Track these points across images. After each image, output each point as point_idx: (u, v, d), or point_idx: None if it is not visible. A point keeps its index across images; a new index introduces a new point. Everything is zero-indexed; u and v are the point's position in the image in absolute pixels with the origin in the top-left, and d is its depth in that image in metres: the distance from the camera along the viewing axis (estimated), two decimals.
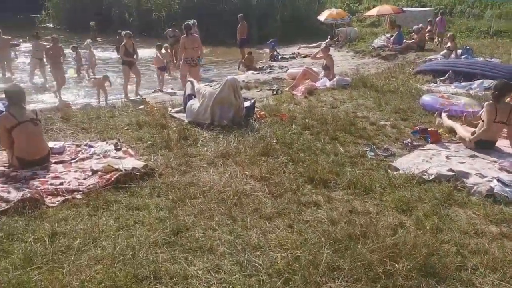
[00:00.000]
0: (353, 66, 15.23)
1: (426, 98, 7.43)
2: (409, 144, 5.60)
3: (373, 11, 20.41)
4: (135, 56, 11.58)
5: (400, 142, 5.77)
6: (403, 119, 6.85)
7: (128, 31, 11.71)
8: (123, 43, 11.40)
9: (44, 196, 4.10)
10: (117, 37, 21.07)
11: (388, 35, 19.14)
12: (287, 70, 15.18)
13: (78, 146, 5.54)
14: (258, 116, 6.82)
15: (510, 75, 9.32)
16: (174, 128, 6.27)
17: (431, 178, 4.47)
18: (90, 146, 5.49)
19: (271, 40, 19.25)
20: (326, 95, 8.91)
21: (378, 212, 3.76)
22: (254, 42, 20.85)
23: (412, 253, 2.94)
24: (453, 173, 4.50)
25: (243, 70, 16.33)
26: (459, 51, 13.45)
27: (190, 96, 6.81)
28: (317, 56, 12.04)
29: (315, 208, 3.82)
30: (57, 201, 4.03)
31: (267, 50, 19.63)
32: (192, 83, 7.05)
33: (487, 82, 9.20)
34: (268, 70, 15.64)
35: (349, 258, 2.91)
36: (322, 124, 6.45)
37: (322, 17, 20.92)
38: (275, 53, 18.86)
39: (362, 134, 5.97)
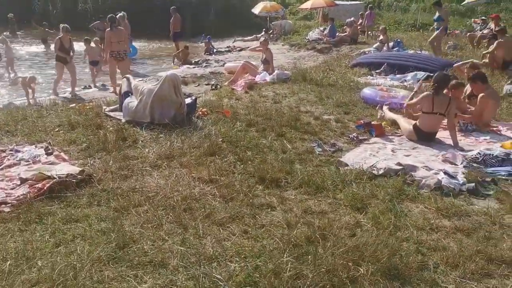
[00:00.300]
0: (289, 59, 15.28)
1: (366, 91, 7.52)
2: (355, 138, 5.60)
3: (307, 4, 20.61)
4: (71, 53, 10.64)
5: (346, 136, 5.75)
6: (345, 112, 6.87)
7: (65, 25, 10.66)
8: (59, 37, 10.49)
9: None
10: (42, 28, 19.82)
11: (321, 28, 19.43)
12: (223, 64, 14.95)
13: (2, 151, 5.01)
14: (200, 113, 6.56)
15: (440, 67, 9.71)
16: (111, 128, 5.87)
17: (380, 172, 4.46)
18: (17, 151, 4.98)
19: (203, 34, 18.91)
20: (267, 90, 8.79)
21: (333, 211, 3.67)
22: (188, 36, 20.39)
23: (374, 255, 2.85)
24: (401, 167, 4.52)
25: (178, 64, 15.89)
26: (390, 44, 13.87)
27: (127, 94, 6.40)
28: (256, 49, 11.87)
29: (269, 210, 3.66)
30: None
31: (202, 44, 19.26)
32: (128, 79, 6.63)
33: (420, 74, 9.51)
34: (204, 64, 15.31)
35: (312, 265, 2.78)
36: (267, 120, 6.30)
37: (257, 10, 20.86)
38: (210, 46, 18.53)
39: (307, 129, 5.89)
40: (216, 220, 3.42)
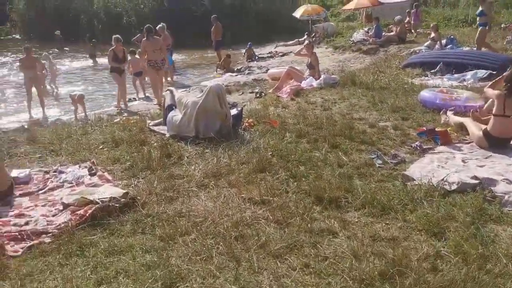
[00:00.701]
0: (334, 62, 14.74)
1: (424, 94, 6.92)
2: (418, 147, 5.07)
3: (351, 5, 19.98)
4: (125, 63, 10.76)
5: (407, 145, 5.23)
6: (403, 118, 6.32)
7: (117, 35, 10.70)
8: (112, 48, 10.45)
9: (6, 242, 3.41)
10: (91, 45, 20.22)
11: (366, 29, 18.75)
12: (266, 70, 14.62)
13: (46, 172, 4.84)
14: (247, 124, 6.21)
15: (501, 64, 8.95)
16: (155, 144, 5.62)
17: (453, 188, 3.93)
18: (61, 172, 4.80)
19: (250, 44, 18.67)
20: (314, 96, 8.35)
21: (406, 237, 3.19)
22: (228, 43, 20.22)
23: None
24: (478, 181, 3.98)
25: (221, 73, 15.70)
26: (443, 41, 13.07)
27: (171, 107, 6.15)
28: (301, 53, 11.42)
29: (331, 237, 3.23)
30: (21, 249, 3.35)
31: (243, 51, 19.01)
32: (171, 92, 6.38)
33: (480, 73, 8.78)
34: (247, 72, 15.04)
35: None
36: (318, 129, 5.87)
37: (298, 13, 20.42)
38: (252, 53, 18.25)
39: (364, 139, 5.40)
40: (272, 251, 3.03)
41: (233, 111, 6.14)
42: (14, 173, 4.64)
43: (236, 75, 14.73)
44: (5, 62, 20.24)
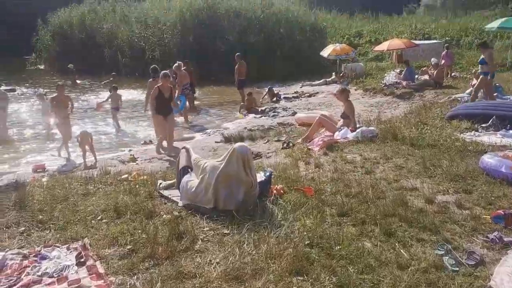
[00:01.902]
0: (365, 106, 13.76)
1: (488, 160, 5.79)
2: (498, 240, 3.94)
3: (383, 46, 19.10)
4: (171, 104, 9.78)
5: (481, 234, 4.10)
6: (466, 191, 5.20)
7: (166, 71, 9.76)
8: (158, 85, 9.37)
9: None
10: (111, 79, 19.85)
11: (397, 70, 17.82)
12: (292, 112, 13.73)
13: (25, 257, 3.85)
14: (275, 192, 5.18)
15: None
16: (164, 216, 4.62)
17: None
18: (43, 258, 3.81)
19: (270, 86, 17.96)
20: (351, 152, 7.32)
21: None
22: (253, 81, 19.48)
23: None
24: None
25: (244, 113, 14.86)
26: None
27: (185, 170, 5.17)
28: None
29: None
30: None
31: (267, 89, 18.19)
32: (187, 151, 5.40)
33: None
34: (271, 114, 14.15)
35: None
36: (363, 203, 4.81)
37: (325, 52, 19.65)
38: (274, 93, 17.37)
39: (423, 221, 4.30)
40: None
41: (261, 177, 5.12)
42: None
43: (260, 117, 13.87)
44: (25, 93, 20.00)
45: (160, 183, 5.66)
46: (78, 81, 22.89)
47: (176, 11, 25.09)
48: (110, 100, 13.37)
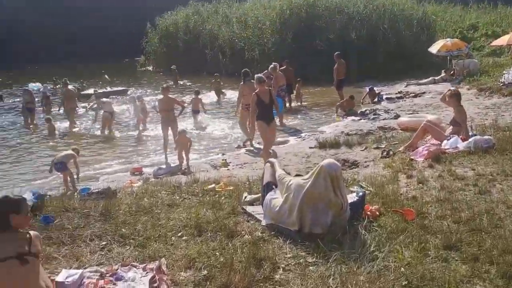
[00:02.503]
0: (480, 109, 12.31)
1: None
2: None
3: (503, 40, 17.11)
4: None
5: None
6: None
7: (260, 75, 8.98)
8: (256, 91, 8.58)
9: None
10: (213, 80, 20.08)
11: None
12: (395, 115, 12.75)
13: (102, 276, 3.76)
14: (369, 213, 4.61)
15: None
16: (246, 236, 4.30)
17: None
18: (118, 279, 3.68)
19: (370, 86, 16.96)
20: (461, 165, 6.42)
21: None
22: (352, 80, 18.62)
23: None
24: None
25: (341, 115, 14.18)
26: None
27: (270, 186, 4.80)
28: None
29: None
30: None
31: (367, 89, 17.20)
32: (272, 165, 5.02)
33: None
34: (372, 116, 13.27)
35: None
36: (476, 232, 4.06)
37: (434, 49, 18.12)
38: (374, 94, 16.37)
39: None
40: None
41: (352, 198, 4.58)
42: (62, 275, 3.62)
43: (359, 119, 13.10)
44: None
45: (245, 197, 5.37)
46: (179, 82, 23.77)
47: (276, 9, 24.92)
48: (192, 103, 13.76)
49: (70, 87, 16.30)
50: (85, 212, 4.90)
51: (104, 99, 14.49)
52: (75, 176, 8.47)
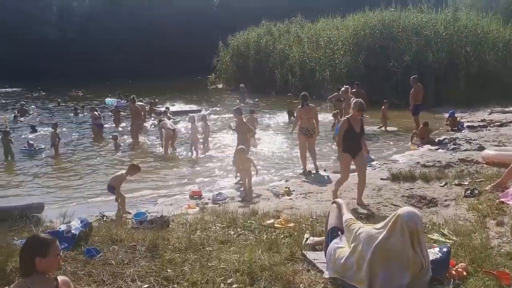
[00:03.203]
0: None
1: None
2: None
3: None
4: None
5: None
6: None
7: (359, 100, 7.51)
8: (348, 117, 7.49)
9: None
10: (288, 100, 19.48)
11: None
12: (478, 146, 11.56)
13: None
14: (454, 273, 3.85)
15: None
16: None
17: None
18: None
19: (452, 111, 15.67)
20: None
21: None
22: (429, 106, 17.41)
23: None
24: None
25: (417, 143, 13.15)
26: None
27: (335, 231, 4.17)
28: None
29: None
30: None
31: (447, 115, 15.95)
32: (338, 206, 4.38)
33: None
34: (451, 146, 12.15)
35: None
36: None
37: None
38: (455, 121, 15.11)
39: None
40: None
41: (434, 255, 3.84)
42: None
43: (436, 149, 12.04)
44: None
45: (307, 239, 4.78)
46: (246, 100, 23.72)
47: (349, 30, 24.23)
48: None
49: (140, 103, 16.65)
50: (131, 246, 4.54)
51: (166, 118, 14.41)
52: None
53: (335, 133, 13.00)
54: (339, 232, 4.12)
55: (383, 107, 15.68)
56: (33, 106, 23.24)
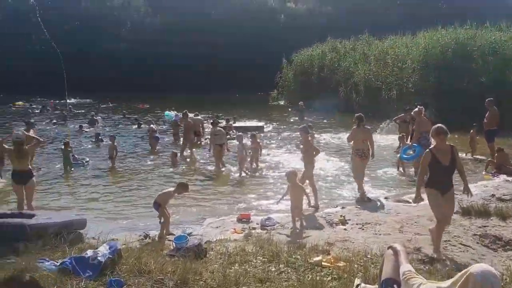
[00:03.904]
0: None
1: None
2: None
3: None
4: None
5: None
6: None
7: (440, 127, 6.07)
8: (431, 148, 6.20)
9: None
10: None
11: None
12: None
13: None
14: None
15: None
16: None
17: None
18: None
19: None
20: None
21: None
22: (506, 131, 15.87)
23: None
24: None
25: (492, 173, 11.92)
26: None
27: (389, 283, 3.48)
28: None
29: None
30: None
31: None
32: (395, 252, 3.69)
33: None
34: None
35: None
36: None
37: None
38: None
39: None
40: None
41: None
42: None
43: None
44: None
45: (358, 285, 4.11)
46: (305, 118, 23.27)
47: (420, 48, 23.00)
48: None
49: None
50: (159, 279, 4.11)
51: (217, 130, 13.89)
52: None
53: (399, 158, 12.10)
54: (395, 286, 3.44)
55: (471, 131, 14.38)
56: (99, 117, 24.03)
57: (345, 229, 7.40)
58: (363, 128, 9.76)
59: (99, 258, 4.12)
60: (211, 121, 15.17)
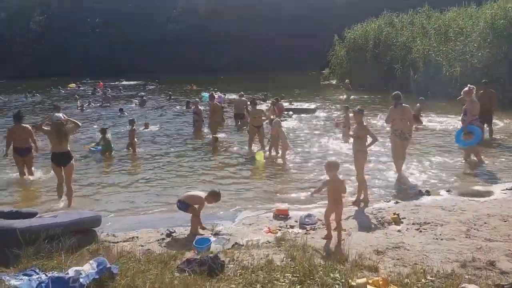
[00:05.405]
0: None
1: None
2: None
3: None
4: None
5: None
6: None
7: None
8: None
9: None
10: (418, 104, 15.93)
11: None
12: None
13: None
14: None
15: None
16: None
17: None
18: None
19: None
20: None
21: None
22: None
23: None
24: None
25: None
26: None
27: None
28: None
29: None
30: None
31: None
32: None
33: None
34: None
35: None
36: None
37: None
38: None
39: None
40: None
41: None
42: None
43: None
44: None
45: None
46: (352, 97, 21.88)
47: (487, 19, 20.69)
48: None
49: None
50: None
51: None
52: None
53: (454, 141, 10.54)
54: None
55: None
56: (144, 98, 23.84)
57: (399, 231, 6.23)
58: (401, 106, 9.10)
59: (81, 280, 3.30)
60: (250, 100, 13.95)
